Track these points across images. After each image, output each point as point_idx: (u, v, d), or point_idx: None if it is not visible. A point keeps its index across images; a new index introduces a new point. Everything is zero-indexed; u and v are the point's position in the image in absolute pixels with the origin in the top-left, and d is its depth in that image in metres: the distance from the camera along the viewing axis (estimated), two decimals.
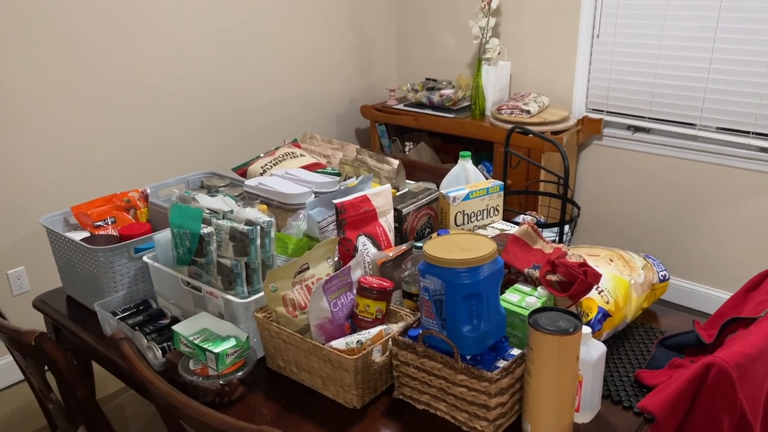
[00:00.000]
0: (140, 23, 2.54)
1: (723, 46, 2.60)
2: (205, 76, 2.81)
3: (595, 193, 3.14)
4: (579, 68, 2.98)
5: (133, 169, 2.66)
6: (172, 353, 1.32)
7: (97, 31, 2.42)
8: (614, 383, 1.26)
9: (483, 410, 1.11)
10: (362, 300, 1.29)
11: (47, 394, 1.35)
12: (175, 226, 1.35)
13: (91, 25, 2.40)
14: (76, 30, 2.37)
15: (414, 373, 1.19)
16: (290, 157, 1.92)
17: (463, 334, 1.10)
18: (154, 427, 1.60)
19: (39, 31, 2.28)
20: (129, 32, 2.52)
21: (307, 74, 3.22)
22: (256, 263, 1.33)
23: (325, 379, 1.23)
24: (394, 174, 1.84)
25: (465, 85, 3.19)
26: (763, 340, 1.10)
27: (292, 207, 1.61)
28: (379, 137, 3.34)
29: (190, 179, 1.92)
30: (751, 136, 2.63)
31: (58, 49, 2.34)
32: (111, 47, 2.48)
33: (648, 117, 2.88)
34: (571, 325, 1.05)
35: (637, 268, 1.45)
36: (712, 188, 2.79)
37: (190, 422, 0.98)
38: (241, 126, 3.01)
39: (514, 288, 1.29)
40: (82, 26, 2.38)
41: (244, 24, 2.90)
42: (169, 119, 2.73)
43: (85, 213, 1.65)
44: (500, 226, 1.63)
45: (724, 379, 1.02)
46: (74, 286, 1.62)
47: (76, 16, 2.35)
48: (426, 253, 1.11)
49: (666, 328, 1.44)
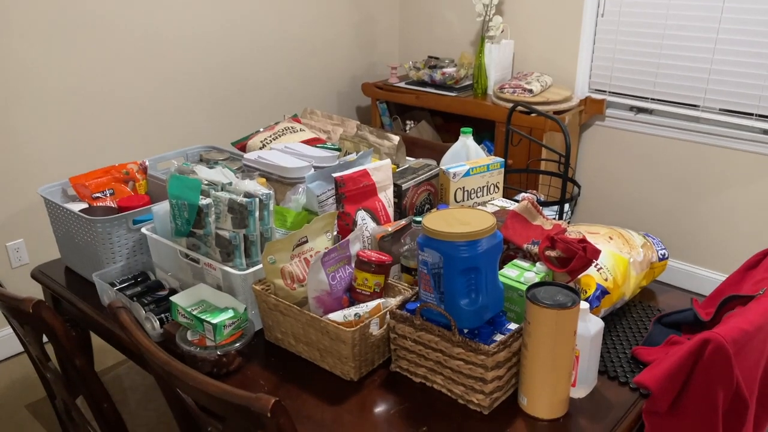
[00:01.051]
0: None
1: (728, 27, 2.57)
2: (207, 50, 2.78)
3: (596, 173, 3.13)
4: (583, 48, 2.95)
5: (132, 141, 2.64)
6: (170, 324, 1.32)
7: (97, 5, 2.40)
8: (611, 359, 1.26)
9: (479, 383, 1.11)
10: (361, 273, 1.29)
11: (45, 363, 1.36)
12: (174, 197, 1.35)
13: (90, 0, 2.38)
14: (74, 5, 2.34)
15: (411, 346, 1.19)
16: (290, 132, 1.90)
17: (461, 308, 1.10)
18: (152, 397, 1.61)
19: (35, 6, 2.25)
20: (131, 5, 2.49)
21: (309, 50, 3.20)
22: (255, 235, 1.33)
23: (322, 351, 1.23)
24: (394, 150, 1.83)
25: (467, 64, 3.17)
26: (761, 317, 1.10)
27: (291, 181, 1.60)
28: (380, 115, 3.32)
29: (189, 152, 1.91)
30: (755, 118, 2.61)
31: (58, 21, 2.31)
32: (113, 20, 2.45)
33: (651, 98, 2.86)
34: (569, 300, 1.05)
35: (636, 246, 1.44)
36: (714, 170, 2.77)
37: (188, 390, 0.98)
38: (242, 101, 2.99)
39: (513, 263, 1.29)
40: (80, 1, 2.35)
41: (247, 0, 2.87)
42: (169, 92, 2.71)
43: (84, 184, 1.64)
44: (500, 203, 1.63)
45: (721, 355, 1.02)
46: (73, 257, 1.62)
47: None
48: (425, 226, 1.11)
49: (664, 307, 1.44)
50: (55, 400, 1.55)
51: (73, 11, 2.34)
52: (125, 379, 1.71)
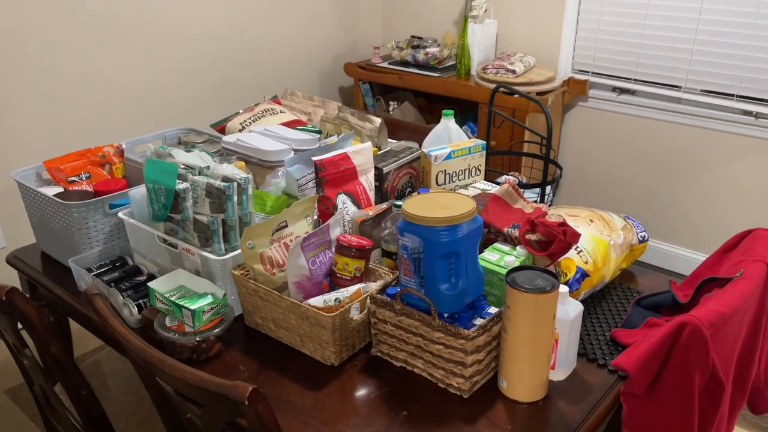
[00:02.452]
0: None
1: (710, 6, 2.57)
2: (185, 29, 2.73)
3: (579, 154, 3.13)
4: (566, 28, 2.94)
5: (109, 123, 2.59)
6: (148, 310, 1.31)
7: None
8: (590, 342, 1.27)
9: (459, 367, 1.11)
10: (341, 258, 1.28)
11: (22, 350, 1.34)
12: (150, 181, 1.32)
13: None
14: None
15: (391, 330, 1.19)
16: (270, 114, 1.88)
17: (441, 292, 1.10)
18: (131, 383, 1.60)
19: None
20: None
21: (290, 29, 3.15)
22: (233, 220, 1.31)
23: (303, 336, 1.23)
24: (376, 132, 1.81)
25: (451, 44, 3.14)
26: (737, 299, 1.11)
27: (270, 164, 1.58)
28: (363, 96, 3.29)
29: (167, 135, 1.88)
30: (736, 99, 2.62)
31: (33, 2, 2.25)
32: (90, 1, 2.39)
33: (634, 79, 2.86)
34: (548, 284, 1.05)
35: (616, 228, 1.45)
36: (695, 151, 2.79)
37: (165, 378, 0.97)
38: (222, 82, 2.95)
39: (493, 247, 1.29)
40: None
41: None
42: (147, 73, 2.66)
43: (59, 168, 1.61)
44: (482, 186, 1.62)
45: (697, 338, 1.03)
46: (48, 242, 1.59)
47: None
48: (405, 211, 1.10)
49: (643, 289, 1.45)
50: (33, 386, 1.53)
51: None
52: (105, 364, 1.69)
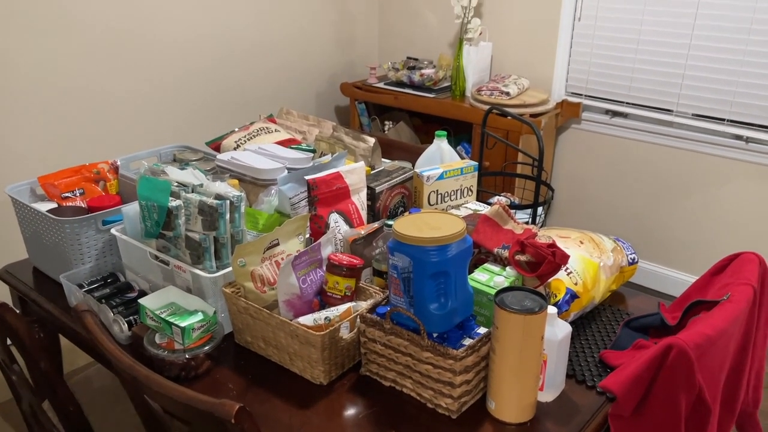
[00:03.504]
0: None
1: (701, 33, 2.61)
2: (183, 48, 2.75)
3: (572, 176, 3.16)
4: (560, 51, 2.98)
5: (104, 140, 2.61)
6: (138, 327, 1.31)
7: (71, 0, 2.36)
8: (579, 363, 1.27)
9: (448, 388, 1.12)
10: (332, 277, 1.28)
11: (10, 365, 1.33)
12: (143, 198, 1.33)
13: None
14: None
15: (381, 350, 1.19)
16: (265, 132, 1.89)
17: (430, 312, 1.10)
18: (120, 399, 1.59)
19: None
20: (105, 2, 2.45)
21: (287, 49, 3.18)
22: (225, 238, 1.32)
23: (292, 354, 1.23)
24: (369, 152, 1.82)
25: (446, 65, 3.18)
26: (724, 322, 1.12)
27: (264, 182, 1.59)
28: (359, 115, 3.32)
29: (162, 152, 1.89)
30: (726, 123, 2.65)
31: (28, 16, 2.27)
32: (85, 16, 2.41)
33: (626, 102, 2.89)
34: (537, 305, 1.06)
35: (606, 250, 1.46)
36: (686, 174, 2.81)
37: (152, 395, 0.97)
38: (218, 100, 2.97)
39: (483, 267, 1.29)
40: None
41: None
42: (144, 90, 2.68)
43: (53, 184, 1.61)
44: (473, 206, 1.63)
45: (683, 360, 1.04)
46: (41, 257, 1.59)
47: None
48: (395, 230, 1.11)
49: (632, 310, 1.46)
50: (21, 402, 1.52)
51: (43, 7, 2.30)
52: (95, 380, 1.69)
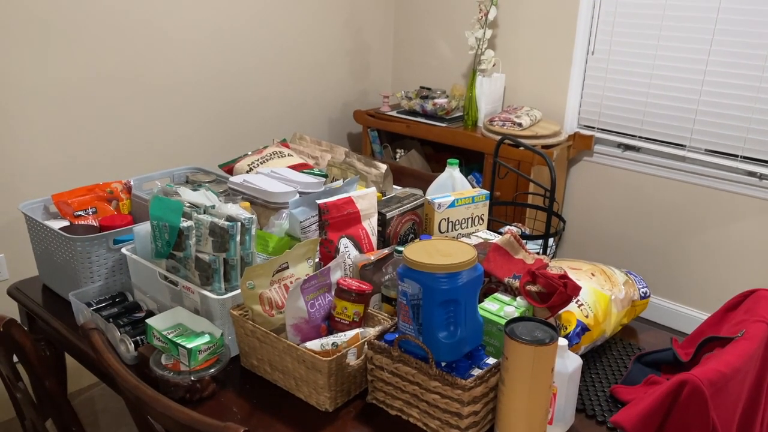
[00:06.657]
0: (132, 16, 2.53)
1: (715, 69, 2.62)
2: (198, 73, 2.79)
3: (583, 208, 3.15)
4: (573, 84, 2.99)
5: (118, 160, 2.63)
6: (145, 347, 1.30)
7: (88, 22, 2.41)
8: (589, 397, 1.25)
9: (455, 418, 1.10)
10: (340, 302, 1.28)
11: (15, 383, 1.33)
12: (155, 218, 1.34)
13: (82, 16, 2.38)
14: (65, 19, 2.35)
15: (388, 377, 1.17)
16: (278, 156, 1.90)
17: (439, 340, 1.09)
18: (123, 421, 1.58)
19: (26, 18, 2.26)
20: (120, 24, 2.50)
21: (302, 76, 3.22)
22: (235, 260, 1.32)
23: (298, 379, 1.22)
24: (381, 178, 1.83)
25: (459, 95, 3.20)
26: (739, 359, 1.09)
27: (275, 206, 1.60)
28: (371, 142, 3.34)
29: (175, 173, 1.91)
30: (740, 159, 2.64)
31: (47, 38, 2.32)
32: (103, 39, 2.46)
33: (639, 136, 2.89)
34: (547, 336, 1.05)
35: (618, 283, 1.44)
36: (698, 210, 2.80)
37: (156, 416, 0.96)
38: (232, 124, 3.00)
39: (494, 297, 1.28)
40: (72, 17, 2.36)
41: (240, 21, 2.89)
42: (159, 113, 2.72)
43: (66, 202, 1.63)
44: (484, 235, 1.63)
45: (697, 397, 1.01)
46: (51, 275, 1.59)
47: (64, 4, 2.34)
48: (405, 256, 1.10)
49: (644, 345, 1.44)
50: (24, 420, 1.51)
51: (63, 30, 2.35)
52: (98, 401, 1.67)
